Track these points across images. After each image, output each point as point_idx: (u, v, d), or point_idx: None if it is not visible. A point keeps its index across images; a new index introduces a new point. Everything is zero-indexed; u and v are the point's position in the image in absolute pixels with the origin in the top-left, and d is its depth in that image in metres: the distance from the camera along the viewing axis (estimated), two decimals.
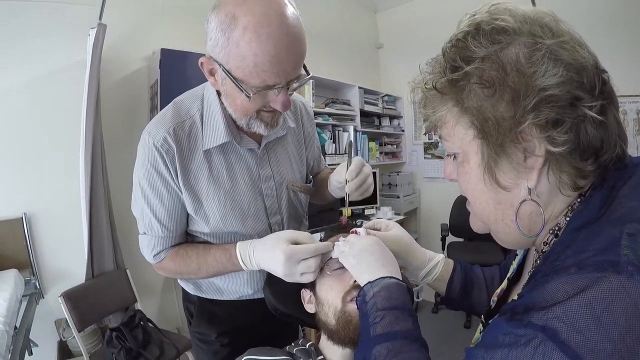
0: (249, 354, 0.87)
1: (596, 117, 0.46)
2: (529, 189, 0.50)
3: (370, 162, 3.95)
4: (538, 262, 0.56)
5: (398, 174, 4.17)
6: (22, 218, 2.15)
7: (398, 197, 4.03)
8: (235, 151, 1.00)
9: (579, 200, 0.51)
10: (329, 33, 3.88)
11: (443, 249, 3.40)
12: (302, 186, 1.14)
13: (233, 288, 1.12)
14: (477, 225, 0.61)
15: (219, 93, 0.94)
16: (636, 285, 0.38)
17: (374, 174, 3.72)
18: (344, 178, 1.01)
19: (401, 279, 0.73)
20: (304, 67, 0.86)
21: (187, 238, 1.07)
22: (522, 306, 0.45)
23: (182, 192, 0.95)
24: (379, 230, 0.92)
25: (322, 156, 1.33)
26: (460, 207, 3.58)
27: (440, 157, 4.33)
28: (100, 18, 2.10)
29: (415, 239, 4.08)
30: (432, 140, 4.37)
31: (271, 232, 1.06)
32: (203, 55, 0.86)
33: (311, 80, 3.24)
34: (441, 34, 0.56)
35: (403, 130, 4.60)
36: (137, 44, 2.54)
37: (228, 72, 0.80)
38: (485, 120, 0.49)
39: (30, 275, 2.17)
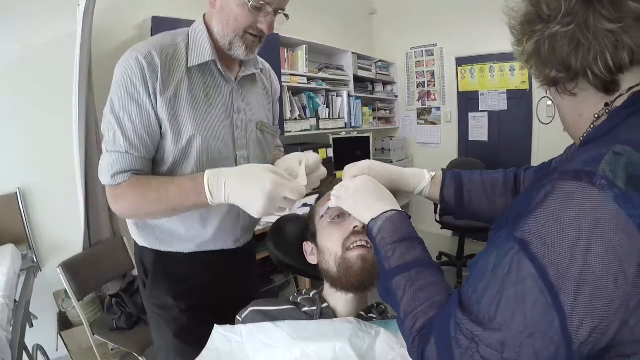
0: (253, 305, 0.90)
1: None
2: None
3: (364, 127, 3.97)
4: None
5: (391, 139, 4.18)
6: (16, 193, 2.14)
7: (391, 162, 4.03)
8: (214, 78, 1.02)
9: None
10: None
11: (435, 212, 3.43)
12: (270, 127, 1.18)
13: (193, 232, 1.06)
14: None
15: (207, 25, 1.00)
16: (604, 199, 0.40)
17: (368, 138, 3.73)
18: (298, 176, 0.91)
19: (400, 209, 0.73)
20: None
21: (151, 170, 0.98)
22: (513, 214, 0.48)
23: (156, 108, 0.92)
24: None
25: (278, 133, 1.27)
26: None
27: (434, 123, 4.34)
28: None
29: (408, 203, 4.08)
30: (425, 106, 4.35)
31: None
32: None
33: (305, 45, 3.22)
34: (433, 1, 0.54)
35: (396, 96, 4.57)
36: (128, 12, 2.45)
37: None
38: None
39: (27, 249, 2.16)
